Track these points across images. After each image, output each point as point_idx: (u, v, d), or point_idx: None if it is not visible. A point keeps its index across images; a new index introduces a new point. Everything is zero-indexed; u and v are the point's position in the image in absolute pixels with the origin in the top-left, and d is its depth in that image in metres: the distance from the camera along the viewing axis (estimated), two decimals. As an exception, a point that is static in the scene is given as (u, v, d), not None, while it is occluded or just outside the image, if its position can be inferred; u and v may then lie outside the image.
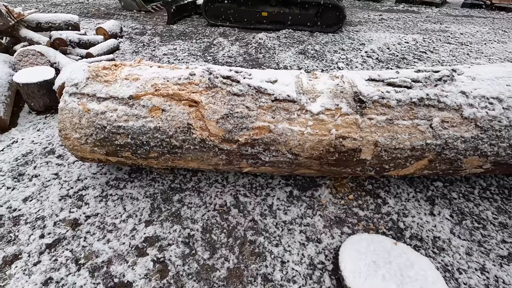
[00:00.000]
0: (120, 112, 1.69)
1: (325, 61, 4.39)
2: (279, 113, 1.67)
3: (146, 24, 6.10)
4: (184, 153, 1.77)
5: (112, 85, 1.75)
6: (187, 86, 1.73)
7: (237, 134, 1.67)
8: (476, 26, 6.37)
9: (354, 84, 1.76)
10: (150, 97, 1.70)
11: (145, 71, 1.84)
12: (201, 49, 4.81)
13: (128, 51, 4.63)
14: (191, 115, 1.68)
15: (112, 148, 1.78)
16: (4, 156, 2.32)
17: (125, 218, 1.81)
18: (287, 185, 2.09)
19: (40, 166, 2.22)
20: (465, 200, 1.99)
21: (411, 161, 1.75)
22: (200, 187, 2.05)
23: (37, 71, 2.87)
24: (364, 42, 5.15)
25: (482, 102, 1.66)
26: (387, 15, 7.25)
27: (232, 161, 1.80)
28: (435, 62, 4.42)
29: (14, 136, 2.55)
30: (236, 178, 2.13)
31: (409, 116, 1.67)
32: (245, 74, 1.78)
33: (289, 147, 1.69)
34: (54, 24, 4.10)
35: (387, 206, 1.94)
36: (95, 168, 2.20)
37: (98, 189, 2.02)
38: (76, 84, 1.76)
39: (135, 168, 2.20)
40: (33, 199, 1.94)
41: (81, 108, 1.71)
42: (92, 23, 5.98)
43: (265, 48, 4.83)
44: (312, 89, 1.77)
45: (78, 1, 7.99)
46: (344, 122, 1.65)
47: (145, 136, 1.71)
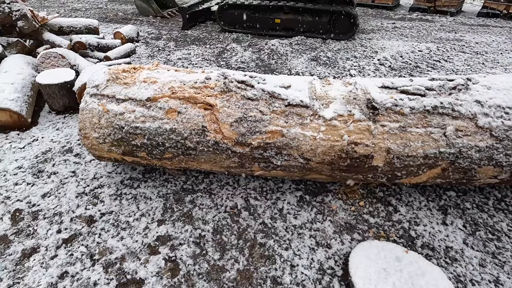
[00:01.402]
0: (138, 113, 1.75)
1: (337, 68, 4.41)
2: (292, 118, 1.70)
3: (161, 29, 6.26)
4: (198, 154, 1.81)
5: (131, 87, 1.82)
6: (202, 89, 1.78)
7: (250, 137, 1.70)
8: (492, 36, 6.28)
9: (367, 91, 1.78)
10: (167, 99, 1.75)
11: (163, 74, 1.90)
12: (214, 54, 4.91)
13: (144, 55, 4.76)
14: (206, 117, 1.72)
15: (128, 148, 1.84)
16: (25, 153, 2.41)
17: (139, 217, 1.86)
18: (297, 189, 2.10)
19: (58, 163, 2.30)
20: (479, 210, 1.96)
21: (424, 169, 1.74)
22: (212, 189, 2.09)
23: (58, 72, 2.99)
24: (377, 50, 5.14)
25: (498, 111, 1.64)
26: (400, 24, 7.23)
27: (244, 164, 1.83)
28: (449, 71, 4.38)
29: (34, 135, 2.65)
30: (247, 181, 2.15)
31: (422, 124, 1.66)
32: (259, 79, 1.82)
33: (301, 152, 1.71)
34: (75, 28, 4.27)
35: (398, 214, 1.92)
36: (110, 167, 2.27)
37: (113, 187, 2.08)
38: (97, 86, 1.83)
39: (148, 169, 2.25)
40: (52, 195, 2.01)
41: (101, 108, 1.78)
42: (110, 28, 6.18)
43: (277, 54, 4.88)
44: (325, 95, 1.79)
45: (98, 7, 8.27)
46: (357, 128, 1.67)
47: (161, 137, 1.76)
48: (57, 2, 8.64)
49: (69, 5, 8.29)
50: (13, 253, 1.63)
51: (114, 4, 8.73)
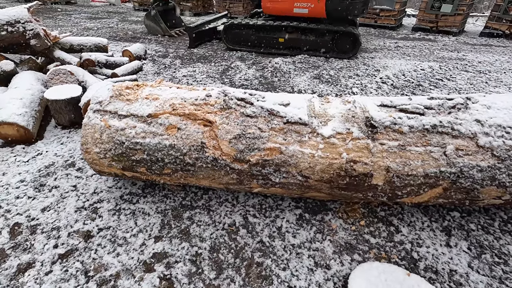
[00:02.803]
0: (139, 129, 1.78)
1: (339, 86, 4.45)
2: (290, 135, 1.71)
3: (169, 48, 6.45)
4: (197, 170, 1.82)
5: (133, 104, 1.86)
6: (203, 106, 1.81)
7: (249, 154, 1.70)
8: (495, 55, 6.32)
9: (366, 109, 1.78)
10: (167, 115, 1.78)
11: (165, 91, 1.95)
12: (219, 71, 5.01)
13: (150, 72, 4.89)
14: (205, 134, 1.74)
15: (128, 163, 1.86)
16: (28, 167, 2.45)
17: (136, 233, 1.84)
18: (297, 207, 2.07)
19: (60, 177, 2.33)
20: (484, 232, 1.90)
21: (425, 188, 1.71)
22: (210, 205, 2.07)
23: (65, 88, 3.07)
24: (379, 69, 5.20)
25: (499, 131, 1.63)
26: (403, 43, 7.33)
27: (243, 181, 1.83)
28: (452, 89, 4.38)
29: (39, 149, 2.70)
30: (246, 198, 2.14)
31: (422, 143, 1.65)
32: (259, 97, 1.85)
33: (300, 169, 1.70)
34: (85, 46, 4.43)
35: (400, 234, 1.87)
36: (111, 182, 2.28)
37: (112, 202, 2.08)
38: (100, 102, 1.88)
39: (148, 184, 2.26)
40: (51, 209, 2.02)
41: (103, 124, 1.81)
42: (120, 46, 6.39)
43: (280, 72, 4.96)
44: (324, 113, 1.80)
45: (109, 26, 8.60)
46: (355, 146, 1.66)
47: (160, 153, 1.77)
48: (70, 22, 9.02)
49: (81, 25, 8.64)
50: (9, 268, 1.62)
51: (125, 24, 9.08)
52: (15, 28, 3.48)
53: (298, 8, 5.62)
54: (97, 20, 9.56)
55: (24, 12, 3.53)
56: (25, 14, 3.52)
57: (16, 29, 3.49)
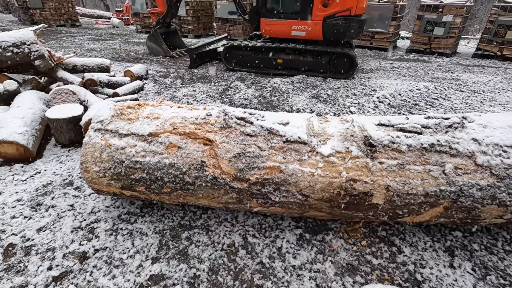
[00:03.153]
0: (139, 148, 1.79)
1: (337, 105, 4.52)
2: (290, 154, 1.71)
3: (170, 68, 6.60)
4: (196, 189, 1.81)
5: (134, 123, 1.87)
6: (203, 125, 1.83)
7: (249, 173, 1.70)
8: (488, 76, 6.48)
9: (364, 128, 1.81)
10: (168, 134, 1.80)
11: (166, 110, 1.97)
12: (218, 91, 5.10)
13: (151, 92, 4.97)
14: (205, 153, 1.75)
15: (127, 182, 1.85)
16: (26, 186, 2.42)
17: (133, 254, 1.80)
18: (297, 227, 2.04)
19: (58, 197, 2.30)
20: (488, 252, 1.87)
21: (426, 207, 1.70)
22: (209, 225, 2.04)
23: (67, 108, 3.11)
24: (375, 88, 5.31)
25: (496, 150, 1.65)
26: (398, 64, 7.53)
27: (242, 200, 1.81)
28: (448, 109, 4.46)
29: (38, 167, 2.69)
30: (246, 218, 2.11)
31: (420, 162, 1.66)
32: (259, 116, 1.88)
33: (299, 188, 1.70)
34: (88, 66, 4.53)
35: (403, 255, 1.84)
36: (109, 201, 2.26)
37: (109, 222, 2.05)
38: (101, 121, 1.90)
39: (147, 203, 2.23)
40: (47, 229, 1.98)
41: (103, 143, 1.82)
42: (122, 66, 6.53)
43: (279, 92, 5.05)
44: (323, 132, 1.82)
45: (112, 47, 8.83)
46: (355, 165, 1.67)
47: (160, 172, 1.77)
48: (74, 43, 9.27)
49: (85, 46, 8.87)
50: (0, 291, 1.57)
51: (127, 45, 9.33)
52: (20, 49, 3.57)
53: (296, 31, 5.81)
54: (101, 41, 9.82)
55: (30, 34, 3.63)
56: (31, 36, 3.63)
57: (21, 50, 3.58)
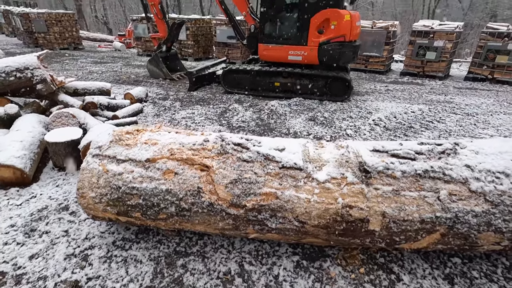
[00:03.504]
0: (136, 173, 1.80)
1: (334, 128, 4.59)
2: (286, 180, 1.73)
3: (169, 91, 6.73)
4: (192, 216, 1.80)
5: (132, 148, 1.90)
6: (200, 151, 1.86)
7: (245, 199, 1.71)
8: (480, 98, 6.64)
9: (359, 154, 1.84)
10: (165, 160, 1.82)
11: (164, 136, 2.01)
12: (217, 113, 5.18)
13: (150, 114, 5.04)
14: (202, 179, 1.76)
15: (123, 208, 1.84)
16: (21, 211, 2.40)
17: (126, 283, 1.76)
18: (294, 253, 2.01)
19: (52, 222, 2.27)
20: (488, 280, 1.84)
21: (423, 234, 1.69)
22: (205, 251, 2.01)
23: (66, 131, 3.14)
24: (371, 111, 5.41)
25: (489, 176, 1.67)
26: (392, 86, 7.72)
27: (239, 227, 1.80)
28: (442, 131, 4.53)
29: (34, 191, 2.68)
30: (243, 244, 2.08)
31: (415, 188, 1.68)
32: (255, 142, 1.91)
33: (296, 215, 1.70)
34: (89, 90, 4.62)
35: (402, 283, 1.81)
36: (104, 226, 2.23)
37: (104, 249, 2.02)
38: (100, 147, 1.92)
39: (142, 229, 2.21)
40: (40, 256, 1.95)
41: (101, 168, 1.83)
42: (122, 89, 6.66)
43: (276, 114, 5.14)
44: (319, 157, 1.85)
45: (113, 70, 9.04)
46: (350, 191, 1.68)
47: (156, 198, 1.77)
48: (76, 66, 9.48)
49: (87, 68, 9.08)
50: (-13, 324, 1.51)
51: (128, 68, 9.55)
52: (23, 74, 3.66)
53: (292, 55, 6.01)
54: (102, 64, 10.06)
55: (33, 60, 3.74)
56: (34, 62, 3.73)
57: (24, 75, 3.66)
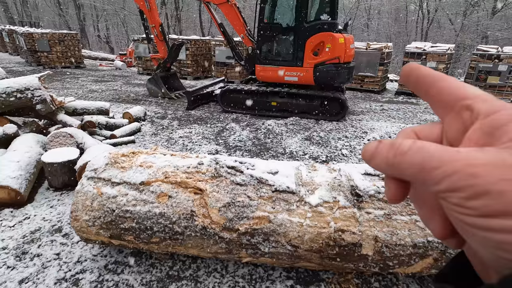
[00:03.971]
0: (130, 196, 1.81)
1: (329, 147, 4.64)
2: (279, 203, 1.75)
3: (168, 109, 6.82)
4: (185, 239, 1.80)
5: (127, 171, 1.92)
6: (194, 174, 1.88)
7: (238, 223, 1.71)
8: (474, 118, 6.76)
9: (351, 178, 1.87)
10: (159, 183, 1.84)
11: (159, 159, 2.03)
12: (214, 133, 5.24)
13: (148, 133, 5.09)
14: (195, 202, 1.77)
15: (116, 231, 1.84)
16: (13, 233, 2.38)
17: (117, 309, 1.73)
18: (288, 278, 1.99)
19: (44, 244, 2.25)
20: (484, 306, 1.82)
21: (415, 258, 1.69)
22: (198, 275, 1.99)
23: (63, 151, 3.17)
24: (366, 131, 5.49)
25: (478, 200, 1.69)
26: (387, 106, 7.87)
27: (232, 250, 1.80)
28: (437, 151, 4.58)
29: (27, 212, 2.66)
30: (236, 268, 2.06)
31: (407, 212, 1.70)
32: (249, 165, 1.94)
33: (289, 239, 1.70)
34: (88, 110, 4.69)
35: (397, 309, 1.79)
36: (97, 249, 2.21)
37: (95, 273, 1.99)
38: (95, 169, 1.94)
39: (135, 252, 2.19)
40: (30, 281, 1.92)
41: (95, 191, 1.85)
42: (121, 107, 6.74)
43: (273, 134, 5.20)
44: (311, 181, 1.87)
45: (113, 89, 9.19)
46: (343, 215, 1.69)
47: (150, 221, 1.77)
48: (77, 84, 9.64)
49: (87, 87, 9.22)
50: None
51: (128, 86, 9.71)
52: (24, 94, 3.73)
53: (288, 76, 6.16)
54: (103, 82, 10.23)
55: (34, 81, 3.82)
56: (35, 83, 3.81)
57: (24, 96, 3.73)
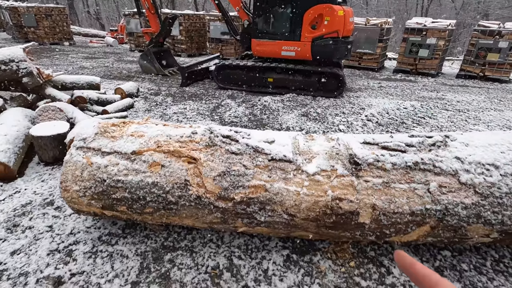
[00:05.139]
0: (121, 166, 1.75)
1: (326, 123, 4.58)
2: (275, 172, 1.70)
3: (161, 86, 6.64)
4: (180, 209, 1.76)
5: (118, 141, 1.84)
6: (188, 143, 1.81)
7: (233, 192, 1.67)
8: (471, 95, 6.70)
9: (349, 147, 1.81)
10: (151, 153, 1.77)
11: (151, 128, 1.95)
12: (209, 109, 5.12)
13: (141, 109, 4.96)
14: (189, 171, 1.72)
15: (108, 202, 1.79)
16: (3, 206, 2.33)
17: (111, 278, 1.72)
18: (284, 248, 1.99)
19: (36, 217, 2.21)
20: (477, 273, 1.84)
21: (412, 226, 1.68)
22: (194, 246, 1.97)
23: (52, 125, 3.06)
24: (364, 107, 5.41)
25: (478, 168, 1.66)
26: (385, 83, 7.75)
27: (227, 220, 1.77)
28: (434, 127, 4.55)
29: (18, 186, 2.60)
30: (232, 238, 2.05)
31: (405, 180, 1.66)
32: (244, 134, 1.87)
33: (285, 207, 1.67)
34: (77, 84, 4.52)
35: (392, 276, 1.80)
36: (90, 221, 2.17)
37: (89, 244, 1.96)
38: (84, 139, 1.86)
39: (129, 223, 2.16)
40: (22, 252, 1.88)
41: (85, 161, 1.78)
42: (113, 84, 6.54)
43: (269, 110, 5.11)
44: (308, 150, 1.82)
45: (104, 65, 8.89)
46: (340, 184, 1.66)
47: (142, 191, 1.72)
48: (67, 61, 9.30)
49: (77, 64, 8.91)
50: (-36, 322, 1.45)
51: (120, 63, 9.40)
52: (8, 66, 3.55)
53: (285, 51, 5.97)
54: (94, 59, 9.89)
55: (19, 52, 3.63)
56: (20, 54, 3.62)
57: (9, 68, 3.55)
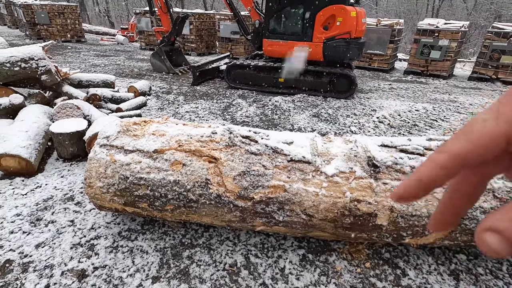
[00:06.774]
0: (144, 164, 1.80)
1: (338, 124, 4.58)
2: (294, 173, 1.73)
3: (172, 85, 6.71)
4: (200, 207, 1.80)
5: (140, 139, 1.89)
6: (208, 143, 1.85)
7: (253, 191, 1.71)
8: (484, 98, 6.61)
9: (367, 149, 1.83)
10: (173, 151, 1.81)
11: (171, 128, 2.00)
12: (220, 108, 5.17)
13: (154, 108, 5.03)
14: (210, 170, 1.76)
15: (131, 199, 1.84)
16: (26, 200, 2.40)
17: (133, 272, 1.77)
18: (300, 247, 2.02)
19: (58, 212, 2.28)
20: (493, 277, 1.84)
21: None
22: (211, 243, 2.02)
23: (71, 122, 3.14)
24: (375, 109, 5.39)
25: (498, 172, 1.66)
26: (396, 85, 7.69)
27: (246, 219, 1.81)
28: (446, 130, 4.52)
29: (39, 181, 2.68)
30: (248, 237, 2.09)
31: (424, 183, 1.67)
32: (263, 135, 1.90)
33: (304, 208, 1.69)
34: (93, 82, 4.61)
35: (407, 278, 1.81)
36: (110, 217, 2.23)
37: (110, 239, 2.02)
38: (107, 137, 1.91)
39: (148, 220, 2.21)
40: (46, 245, 1.95)
41: (108, 158, 1.83)
42: (125, 82, 6.64)
43: (280, 110, 5.13)
44: (327, 151, 1.84)
45: (116, 63, 9.01)
46: (359, 186, 1.68)
47: (164, 189, 1.77)
48: (79, 59, 9.45)
49: (89, 61, 9.05)
50: (-5, 310, 1.52)
51: (131, 61, 9.52)
52: (28, 64, 3.65)
53: (297, 51, 5.97)
54: (105, 57, 10.03)
55: (38, 50, 3.72)
56: (39, 52, 3.72)
57: (29, 65, 3.65)
